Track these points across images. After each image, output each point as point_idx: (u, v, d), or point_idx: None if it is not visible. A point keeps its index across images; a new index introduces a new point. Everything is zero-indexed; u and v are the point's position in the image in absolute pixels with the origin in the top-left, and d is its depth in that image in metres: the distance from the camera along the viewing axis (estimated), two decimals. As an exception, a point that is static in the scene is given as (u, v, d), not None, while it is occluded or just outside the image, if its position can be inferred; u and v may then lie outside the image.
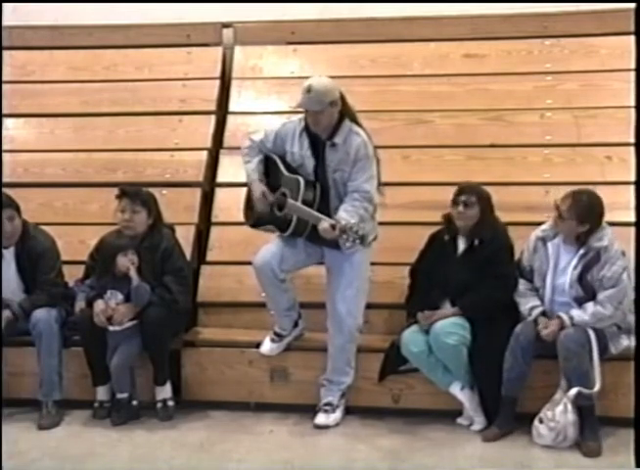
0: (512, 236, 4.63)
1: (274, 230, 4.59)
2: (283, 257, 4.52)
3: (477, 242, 4.55)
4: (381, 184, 4.54)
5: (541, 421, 4.26)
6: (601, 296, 4.33)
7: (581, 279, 4.38)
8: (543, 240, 4.51)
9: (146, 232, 4.81)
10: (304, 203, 4.42)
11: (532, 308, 4.44)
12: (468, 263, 4.55)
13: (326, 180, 4.49)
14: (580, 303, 4.38)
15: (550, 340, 4.30)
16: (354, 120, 4.51)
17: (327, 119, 4.43)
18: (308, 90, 4.39)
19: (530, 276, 4.54)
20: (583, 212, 4.36)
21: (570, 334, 4.27)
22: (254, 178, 4.59)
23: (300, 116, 4.59)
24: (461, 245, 4.61)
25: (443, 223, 4.65)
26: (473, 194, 4.54)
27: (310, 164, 4.51)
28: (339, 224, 4.19)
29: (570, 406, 4.20)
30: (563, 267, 4.44)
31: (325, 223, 4.25)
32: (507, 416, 4.39)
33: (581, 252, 4.40)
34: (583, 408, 4.23)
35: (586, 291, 4.38)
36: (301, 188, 4.43)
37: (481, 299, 4.48)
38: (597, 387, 4.22)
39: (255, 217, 4.64)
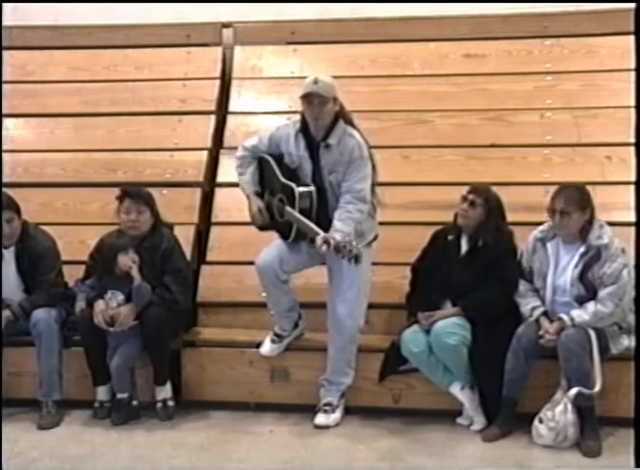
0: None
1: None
2: (285, 258, 4.52)
3: (480, 243, 4.55)
4: (375, 185, 4.53)
5: (541, 421, 4.26)
6: (602, 293, 4.33)
7: (582, 277, 4.38)
8: (542, 240, 4.51)
9: (146, 232, 4.81)
10: (302, 211, 4.41)
11: (534, 309, 4.44)
12: (470, 265, 4.55)
13: (322, 182, 4.49)
14: (582, 302, 4.37)
15: (550, 346, 4.31)
16: (349, 123, 4.51)
17: (329, 114, 4.42)
18: (315, 81, 4.40)
19: (530, 277, 4.54)
20: (581, 200, 4.37)
21: (570, 334, 4.27)
22: (250, 192, 4.61)
23: (295, 118, 4.60)
24: (464, 245, 4.61)
25: (453, 222, 4.64)
26: (481, 195, 4.54)
27: (308, 165, 4.51)
28: (333, 241, 4.15)
29: (570, 406, 4.20)
30: (563, 267, 4.44)
31: (319, 240, 4.20)
32: (507, 416, 4.39)
33: (582, 250, 4.40)
34: (583, 408, 4.22)
35: (587, 289, 4.37)
36: (297, 197, 4.42)
37: (483, 300, 4.48)
38: (597, 387, 4.21)
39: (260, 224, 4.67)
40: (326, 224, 4.32)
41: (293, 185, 4.46)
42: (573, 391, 4.20)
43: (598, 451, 4.19)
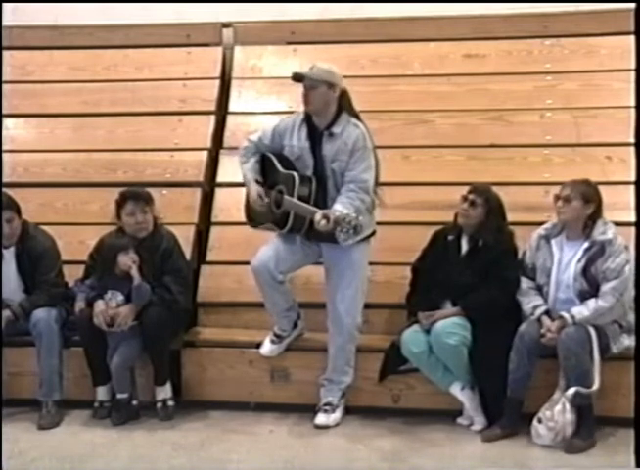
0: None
1: (274, 229, 4.59)
2: (280, 258, 4.52)
3: (480, 243, 4.55)
4: (378, 184, 4.53)
5: (540, 421, 4.26)
6: (604, 288, 4.33)
7: (585, 272, 4.38)
8: (546, 237, 4.52)
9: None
10: (300, 198, 4.41)
11: (535, 308, 4.43)
12: (471, 265, 4.55)
13: (324, 171, 4.49)
14: (584, 297, 4.37)
15: (552, 344, 4.31)
16: (355, 116, 4.52)
17: (319, 99, 4.43)
18: (312, 67, 4.45)
19: (533, 274, 4.54)
20: (587, 192, 4.40)
21: (570, 333, 4.27)
22: (250, 178, 4.60)
23: (300, 109, 4.59)
24: (464, 245, 4.61)
25: (453, 222, 4.64)
26: (481, 195, 4.54)
27: (309, 155, 4.51)
28: (332, 216, 4.17)
29: (567, 406, 4.19)
30: (567, 262, 4.44)
31: (318, 216, 4.23)
32: (511, 417, 4.38)
33: (586, 245, 4.40)
34: (581, 408, 4.22)
35: (590, 284, 4.38)
36: (296, 184, 4.42)
37: (483, 300, 4.48)
38: (595, 386, 4.21)
39: (255, 218, 4.66)
40: None
41: (293, 173, 4.47)
42: (571, 390, 4.19)
43: (583, 449, 4.20)
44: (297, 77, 4.48)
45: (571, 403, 4.19)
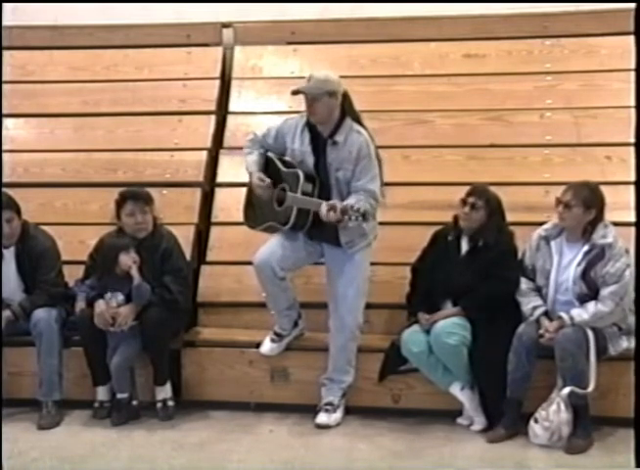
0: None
1: (274, 229, 4.59)
2: (283, 255, 4.53)
3: (480, 243, 4.55)
4: (383, 185, 4.54)
5: (536, 421, 4.26)
6: (604, 292, 4.32)
7: (585, 276, 4.37)
8: (546, 239, 4.51)
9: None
10: (304, 194, 4.42)
11: (535, 308, 4.43)
12: (471, 265, 4.54)
13: (327, 178, 4.50)
14: (583, 300, 4.36)
15: (551, 344, 4.30)
16: (357, 120, 4.52)
17: (323, 109, 4.43)
18: (309, 78, 4.44)
19: (533, 275, 4.54)
20: (588, 198, 4.37)
21: (567, 334, 4.27)
22: (254, 170, 4.60)
23: (303, 112, 4.60)
24: (464, 246, 4.61)
25: (453, 223, 4.64)
26: (482, 197, 4.54)
27: (310, 160, 4.51)
28: (339, 205, 4.19)
29: (562, 406, 4.19)
30: (566, 265, 4.43)
31: (324, 207, 4.24)
32: (513, 417, 4.37)
33: (586, 248, 4.39)
34: (577, 407, 4.22)
35: (590, 288, 4.37)
36: (301, 180, 4.43)
37: (483, 299, 4.48)
38: (591, 387, 4.21)
39: (255, 218, 4.65)
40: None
41: (298, 170, 4.47)
42: (566, 390, 4.19)
43: (583, 449, 4.20)
44: (297, 93, 4.46)
45: (565, 403, 4.18)
